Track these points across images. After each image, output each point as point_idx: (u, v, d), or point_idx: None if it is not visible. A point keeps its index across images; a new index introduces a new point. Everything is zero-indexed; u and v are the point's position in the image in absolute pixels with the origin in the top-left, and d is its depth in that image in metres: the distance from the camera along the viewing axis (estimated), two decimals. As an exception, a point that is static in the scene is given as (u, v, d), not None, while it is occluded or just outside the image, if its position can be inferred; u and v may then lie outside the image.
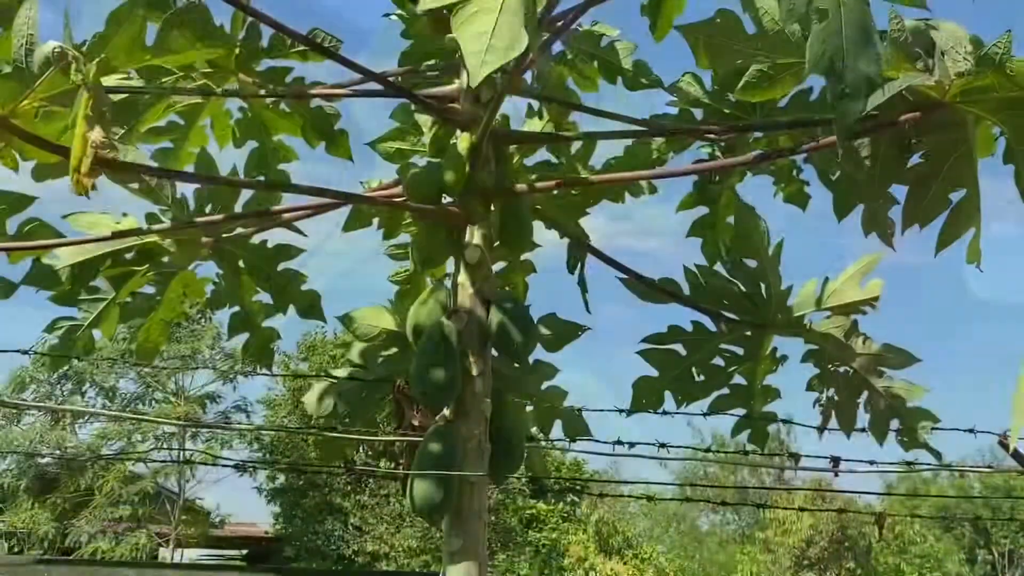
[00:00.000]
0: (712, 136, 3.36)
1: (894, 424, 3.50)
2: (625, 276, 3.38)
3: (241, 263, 3.60)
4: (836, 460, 3.21)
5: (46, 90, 2.36)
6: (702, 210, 3.63)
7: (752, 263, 3.30)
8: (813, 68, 1.88)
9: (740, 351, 3.51)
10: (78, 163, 2.23)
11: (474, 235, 2.98)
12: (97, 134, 2.22)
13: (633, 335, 3.48)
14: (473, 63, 1.73)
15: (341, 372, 3.30)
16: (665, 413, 3.32)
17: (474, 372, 2.88)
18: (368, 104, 3.58)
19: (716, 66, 2.74)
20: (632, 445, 3.11)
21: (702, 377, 3.55)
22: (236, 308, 3.73)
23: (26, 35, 2.32)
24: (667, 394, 3.50)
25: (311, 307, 3.61)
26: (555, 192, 3.46)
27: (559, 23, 3.03)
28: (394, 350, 3.29)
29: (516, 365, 3.36)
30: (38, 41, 2.32)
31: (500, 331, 2.89)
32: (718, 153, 3.47)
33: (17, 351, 3.15)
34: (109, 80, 2.53)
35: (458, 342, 2.88)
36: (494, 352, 2.98)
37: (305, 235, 3.52)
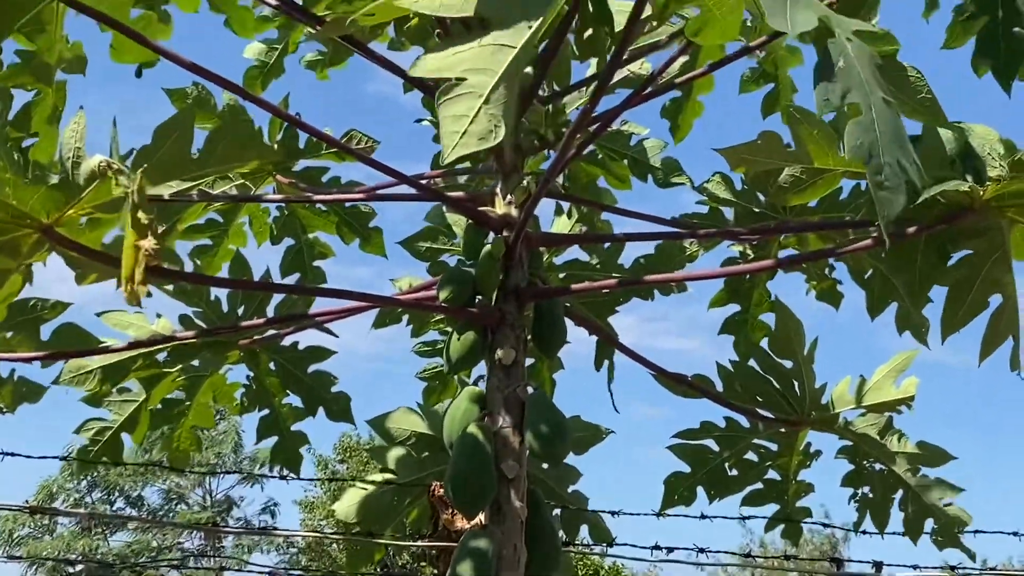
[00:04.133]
0: (744, 236, 3.37)
1: (929, 524, 3.48)
2: (656, 372, 3.37)
3: (272, 365, 3.61)
4: (879, 565, 3.17)
5: (91, 199, 2.40)
6: (734, 307, 3.64)
7: (788, 363, 3.29)
8: (852, 155, 1.88)
9: (774, 447, 3.49)
10: (130, 273, 2.26)
11: (508, 337, 2.98)
12: (148, 243, 2.25)
13: (663, 435, 3.46)
14: (448, 142, 1.73)
15: (376, 476, 3.28)
16: (704, 517, 3.29)
17: (509, 476, 2.86)
18: (404, 205, 3.63)
19: (752, 177, 2.76)
20: (671, 550, 3.08)
21: (735, 472, 3.52)
22: (265, 412, 3.73)
23: (73, 148, 2.36)
24: (700, 493, 3.49)
25: (341, 410, 3.61)
26: (584, 290, 3.47)
27: (593, 125, 3.07)
28: (425, 453, 3.27)
29: (546, 467, 3.36)
30: (85, 154, 2.36)
31: (535, 434, 2.87)
32: (748, 252, 3.49)
33: (55, 457, 3.15)
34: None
35: (493, 445, 2.87)
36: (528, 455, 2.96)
37: (336, 336, 3.53)
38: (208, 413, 3.76)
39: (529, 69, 2.81)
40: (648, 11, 2.32)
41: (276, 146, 3.60)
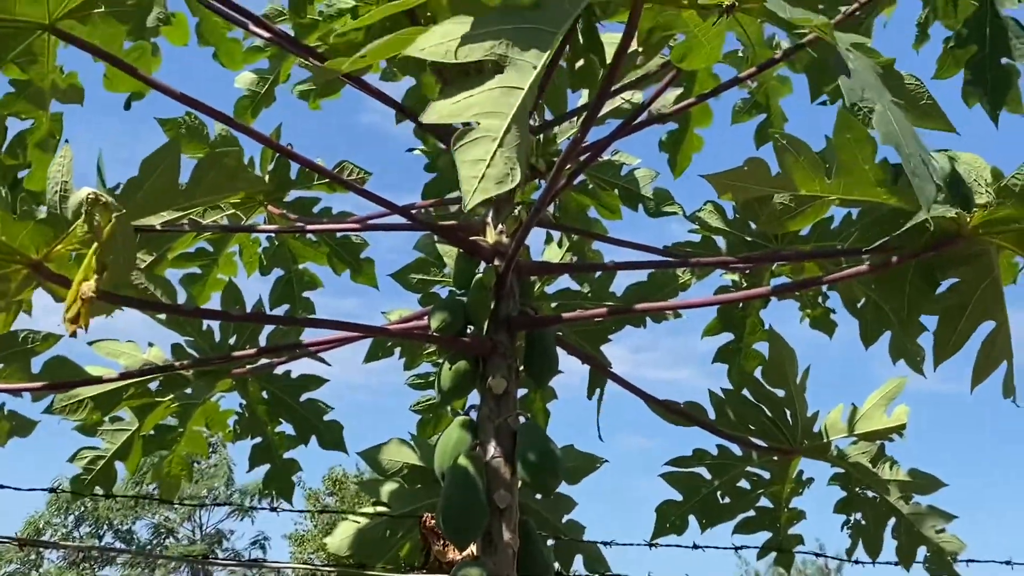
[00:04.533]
0: (736, 265, 3.38)
1: (922, 552, 3.48)
2: (648, 400, 3.37)
3: (264, 394, 3.60)
4: (871, 597, 3.16)
5: (79, 234, 2.40)
6: (727, 336, 3.65)
7: (780, 392, 3.30)
8: (884, 141, 1.89)
9: (766, 475, 3.49)
10: (67, 308, 2.28)
11: (499, 367, 2.97)
12: (87, 287, 2.27)
13: (658, 466, 3.46)
14: (467, 188, 1.72)
15: (368, 509, 3.27)
16: (696, 547, 3.29)
17: (501, 506, 2.84)
18: (394, 233, 3.65)
19: (743, 205, 2.76)
20: (663, 581, 3.06)
21: (727, 500, 3.52)
22: (257, 440, 3.72)
23: (60, 182, 2.36)
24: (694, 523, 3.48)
25: (334, 439, 3.60)
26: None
27: (584, 155, 3.08)
28: (418, 485, 3.26)
29: (539, 498, 3.34)
30: (72, 188, 2.36)
31: (526, 464, 2.86)
32: (741, 281, 3.50)
33: (45, 489, 3.14)
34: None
35: (484, 476, 2.86)
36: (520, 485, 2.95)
37: (329, 364, 3.53)
38: (201, 440, 3.75)
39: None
40: (635, 43, 2.32)
41: (267, 176, 3.62)
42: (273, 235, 3.81)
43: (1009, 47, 2.94)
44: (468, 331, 3.03)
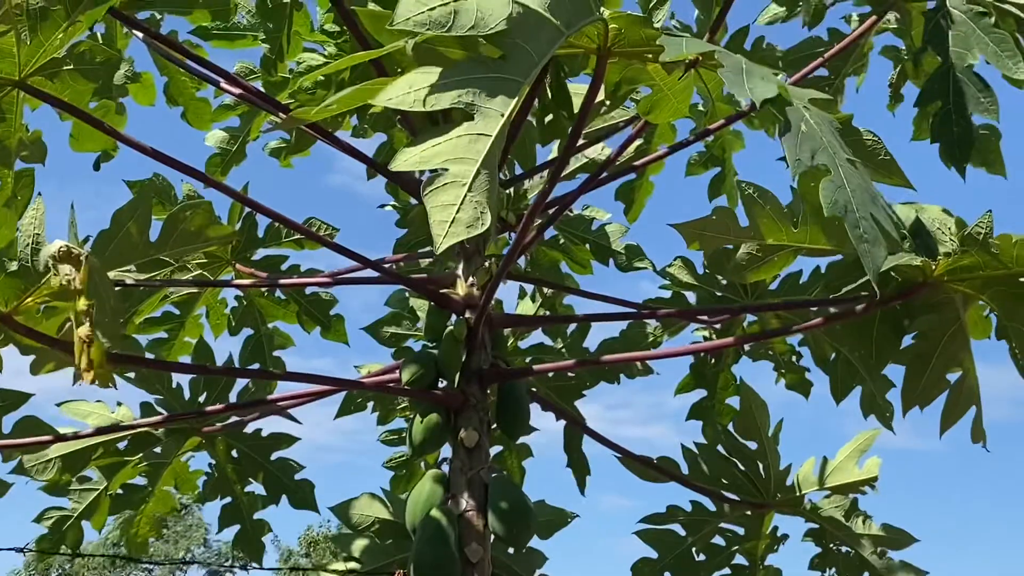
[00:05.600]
0: (705, 319, 3.40)
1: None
2: (622, 456, 3.36)
3: (234, 453, 3.57)
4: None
5: (49, 287, 2.39)
6: (700, 393, 3.66)
7: (752, 444, 3.30)
8: (829, 212, 1.90)
9: (741, 530, 3.48)
10: (78, 360, 2.25)
11: (471, 419, 2.96)
12: (83, 331, 2.25)
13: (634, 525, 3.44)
14: (438, 232, 1.73)
15: (339, 565, 3.23)
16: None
17: (473, 560, 2.82)
18: (364, 291, 3.65)
19: (712, 260, 2.78)
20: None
21: (702, 557, 3.50)
22: (228, 499, 3.67)
23: (32, 234, 2.36)
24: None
25: (304, 498, 3.56)
26: (551, 374, 3.49)
27: (552, 209, 3.11)
28: (389, 540, 3.22)
29: (511, 551, 3.31)
30: (44, 240, 2.36)
31: (498, 517, 2.84)
32: (712, 336, 3.52)
33: (12, 548, 3.08)
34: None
35: (456, 529, 2.83)
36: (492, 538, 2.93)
37: (300, 422, 3.51)
38: (170, 499, 3.70)
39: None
40: (601, 94, 2.36)
41: (237, 239, 3.61)
42: (242, 295, 3.80)
43: (974, 101, 2.99)
44: (440, 384, 3.03)
